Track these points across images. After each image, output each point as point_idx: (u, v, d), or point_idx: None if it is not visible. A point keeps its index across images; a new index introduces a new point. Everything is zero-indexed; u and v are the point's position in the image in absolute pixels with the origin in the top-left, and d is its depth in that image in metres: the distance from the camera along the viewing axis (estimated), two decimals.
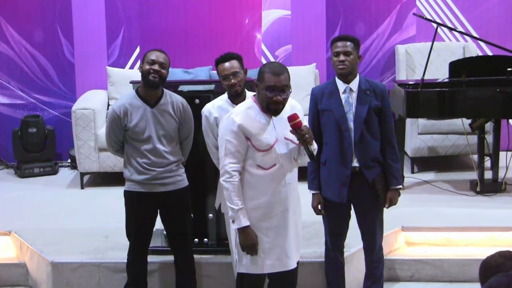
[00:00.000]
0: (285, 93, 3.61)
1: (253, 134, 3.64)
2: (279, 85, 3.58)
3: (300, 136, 3.59)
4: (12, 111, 7.20)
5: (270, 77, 3.58)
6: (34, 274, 4.94)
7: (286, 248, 3.75)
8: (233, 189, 3.64)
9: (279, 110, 3.64)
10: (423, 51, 6.77)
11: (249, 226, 3.64)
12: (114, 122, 4.23)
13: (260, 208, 3.69)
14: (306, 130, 3.60)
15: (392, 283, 4.85)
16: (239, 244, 3.74)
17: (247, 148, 3.65)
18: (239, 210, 3.63)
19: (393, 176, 4.11)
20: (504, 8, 7.08)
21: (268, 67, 3.64)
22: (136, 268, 4.38)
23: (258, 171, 3.67)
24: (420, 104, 5.69)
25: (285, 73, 3.61)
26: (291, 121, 3.60)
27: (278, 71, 3.59)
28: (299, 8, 7.08)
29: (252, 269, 3.76)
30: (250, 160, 3.66)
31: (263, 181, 3.66)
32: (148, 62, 4.18)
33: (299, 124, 3.60)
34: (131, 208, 4.32)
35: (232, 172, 3.64)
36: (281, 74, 3.59)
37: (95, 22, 7.07)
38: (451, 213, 5.37)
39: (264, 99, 3.63)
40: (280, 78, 3.58)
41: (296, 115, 3.61)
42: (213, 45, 7.04)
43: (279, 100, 3.60)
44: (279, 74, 3.58)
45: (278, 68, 3.62)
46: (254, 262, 3.73)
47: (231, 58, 4.17)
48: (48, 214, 5.71)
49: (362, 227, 4.21)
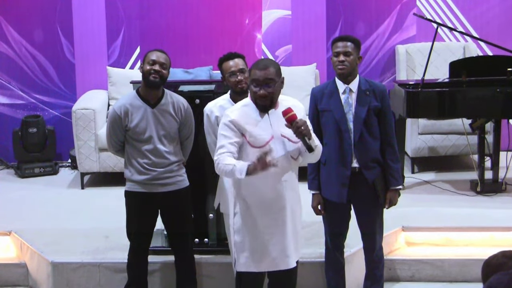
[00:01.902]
0: (270, 87, 3.60)
1: (248, 131, 3.63)
2: (261, 79, 3.57)
3: (296, 128, 3.55)
4: (13, 111, 7.20)
5: (254, 72, 3.60)
6: (34, 274, 4.94)
7: (284, 247, 3.74)
8: (223, 161, 3.56)
9: (267, 106, 3.64)
10: (423, 51, 6.77)
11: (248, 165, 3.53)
12: (114, 122, 4.23)
13: (256, 205, 3.69)
14: (301, 122, 3.55)
15: (392, 283, 4.85)
16: (237, 243, 3.74)
17: (242, 145, 3.64)
18: (236, 163, 3.53)
19: (392, 177, 4.11)
20: (504, 8, 7.08)
21: (256, 62, 3.66)
22: (137, 268, 4.38)
23: None
24: (420, 104, 5.69)
25: (270, 67, 3.60)
26: (285, 114, 3.57)
27: (262, 66, 3.60)
28: (299, 8, 7.08)
29: (250, 268, 3.75)
30: (245, 157, 3.65)
31: (258, 178, 3.65)
32: (149, 62, 4.18)
33: (294, 117, 3.56)
34: (131, 208, 4.32)
35: (223, 153, 3.59)
36: (265, 69, 3.58)
37: (95, 22, 7.07)
38: (451, 213, 5.37)
39: (252, 95, 3.64)
40: (264, 72, 3.58)
41: (290, 109, 3.58)
42: (213, 45, 7.04)
43: (262, 94, 3.59)
44: (262, 69, 3.58)
45: (263, 62, 3.63)
46: (252, 261, 3.73)
47: (236, 56, 4.22)
48: (48, 214, 5.71)
49: (362, 227, 4.21)
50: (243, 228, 3.73)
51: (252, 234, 3.72)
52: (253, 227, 3.70)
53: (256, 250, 3.72)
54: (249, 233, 3.72)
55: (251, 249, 3.73)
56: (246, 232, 3.73)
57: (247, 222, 3.71)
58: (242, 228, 3.73)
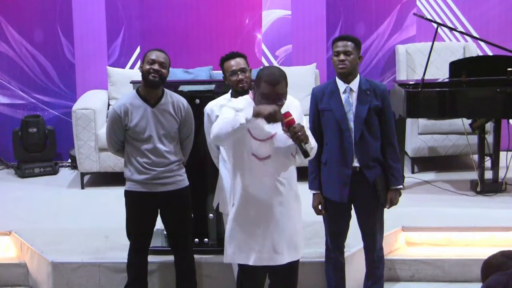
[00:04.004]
0: (281, 101, 3.59)
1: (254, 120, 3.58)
2: (273, 96, 3.56)
3: (293, 134, 3.55)
4: (13, 111, 7.20)
5: (265, 86, 3.55)
6: (34, 274, 4.94)
7: (274, 243, 3.72)
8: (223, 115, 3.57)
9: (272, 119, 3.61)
10: (423, 51, 6.77)
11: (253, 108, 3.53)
12: (114, 121, 4.23)
13: (250, 198, 3.68)
14: (298, 128, 3.55)
15: (393, 283, 4.85)
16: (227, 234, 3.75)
17: (244, 135, 3.61)
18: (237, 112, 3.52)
19: (393, 176, 4.11)
20: (504, 8, 7.08)
21: (266, 74, 3.58)
22: (137, 268, 4.38)
23: (252, 160, 3.65)
24: (421, 104, 5.69)
25: (282, 81, 3.57)
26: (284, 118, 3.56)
27: (274, 81, 3.55)
28: (299, 8, 7.08)
29: (236, 260, 3.76)
30: (246, 147, 3.65)
31: (256, 170, 3.64)
32: (148, 61, 4.18)
33: (292, 122, 3.56)
34: (131, 208, 4.32)
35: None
36: (277, 84, 3.55)
37: (95, 22, 7.07)
38: (451, 213, 5.38)
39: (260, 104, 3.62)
40: (276, 88, 3.55)
41: (288, 113, 3.57)
42: (213, 45, 7.04)
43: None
44: (275, 84, 3.54)
45: (275, 77, 3.56)
46: (239, 253, 3.73)
47: (237, 55, 4.22)
48: (48, 214, 5.71)
49: (363, 227, 4.21)
50: (235, 221, 3.74)
51: (244, 227, 3.72)
52: (244, 219, 3.70)
53: (246, 242, 3.71)
54: (239, 225, 3.73)
55: (238, 240, 3.73)
56: (236, 223, 3.73)
57: (239, 214, 3.71)
58: (235, 220, 3.74)
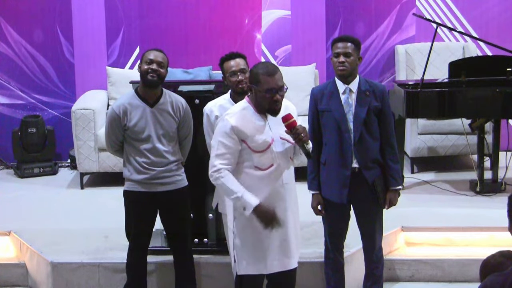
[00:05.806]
0: (282, 91, 3.62)
1: (249, 136, 3.63)
2: (276, 86, 3.59)
3: (296, 135, 3.59)
4: (12, 111, 7.20)
5: (266, 79, 3.58)
6: (34, 274, 4.94)
7: (287, 249, 3.75)
8: (227, 181, 3.61)
9: (278, 110, 3.64)
10: (423, 51, 6.77)
11: (260, 203, 3.58)
12: (113, 121, 4.23)
13: None
14: (301, 129, 3.59)
15: (392, 283, 4.85)
16: (237, 246, 3.74)
17: (243, 150, 3.64)
18: (243, 194, 3.58)
19: (392, 177, 4.11)
20: (504, 8, 7.08)
21: (261, 68, 3.63)
22: (136, 268, 4.38)
23: (255, 172, 3.67)
24: (420, 104, 5.69)
25: (278, 71, 3.63)
26: (285, 121, 3.60)
27: (271, 71, 3.60)
28: (299, 8, 7.08)
29: (252, 270, 3.75)
30: (247, 162, 3.66)
31: (261, 181, 3.66)
32: (146, 61, 4.18)
33: (294, 123, 3.60)
34: (130, 208, 4.32)
35: (222, 167, 3.61)
36: (275, 73, 3.60)
37: (95, 22, 7.07)
38: (451, 213, 5.38)
39: (264, 101, 3.62)
40: (276, 78, 3.59)
41: (290, 115, 3.60)
42: (213, 45, 7.04)
43: (278, 99, 3.61)
44: (273, 74, 3.59)
45: (271, 68, 3.63)
46: (254, 264, 3.73)
47: (237, 56, 4.22)
48: (48, 214, 5.71)
49: (362, 228, 4.21)
50: (244, 232, 3.72)
51: (253, 237, 3.71)
52: (254, 230, 3.68)
53: (258, 253, 3.72)
54: (251, 237, 3.71)
55: (253, 252, 3.73)
56: (248, 236, 3.72)
57: (248, 226, 3.69)
58: (243, 232, 3.72)
